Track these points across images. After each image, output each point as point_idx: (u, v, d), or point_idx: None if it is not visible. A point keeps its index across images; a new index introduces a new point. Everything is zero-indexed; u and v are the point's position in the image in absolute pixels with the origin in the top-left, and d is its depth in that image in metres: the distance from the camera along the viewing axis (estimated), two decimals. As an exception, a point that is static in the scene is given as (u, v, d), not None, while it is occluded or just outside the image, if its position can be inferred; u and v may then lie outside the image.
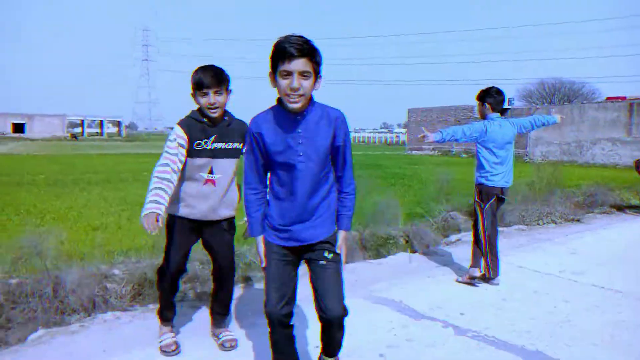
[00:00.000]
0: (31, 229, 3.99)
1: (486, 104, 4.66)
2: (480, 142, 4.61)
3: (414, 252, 5.85)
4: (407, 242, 6.08)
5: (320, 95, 2.35)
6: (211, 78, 2.83)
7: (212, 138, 2.89)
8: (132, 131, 74.81)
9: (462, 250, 5.89)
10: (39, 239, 3.72)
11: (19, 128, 60.65)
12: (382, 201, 6.28)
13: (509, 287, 4.61)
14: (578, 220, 8.24)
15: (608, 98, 27.07)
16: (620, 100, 25.53)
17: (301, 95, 2.15)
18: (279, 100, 2.25)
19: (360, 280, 4.74)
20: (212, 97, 2.83)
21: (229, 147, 2.94)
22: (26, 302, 3.42)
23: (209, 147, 2.88)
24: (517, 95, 51.18)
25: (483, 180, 4.61)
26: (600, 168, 22.71)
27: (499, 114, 4.68)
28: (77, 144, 45.62)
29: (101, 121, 72.43)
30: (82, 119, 69.17)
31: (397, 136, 74.49)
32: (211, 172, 2.91)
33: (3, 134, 58.16)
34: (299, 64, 2.10)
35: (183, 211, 2.97)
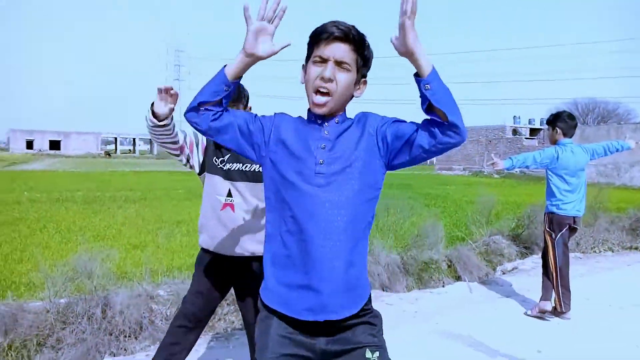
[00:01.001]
0: (84, 249, 3.99)
1: (557, 129, 4.54)
2: (551, 168, 4.48)
3: (458, 278, 5.70)
4: (449, 266, 5.94)
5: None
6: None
7: (227, 157, 2.59)
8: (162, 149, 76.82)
9: (520, 279, 5.73)
10: (88, 259, 3.73)
11: (55, 145, 62.55)
12: (424, 224, 6.15)
13: (582, 322, 4.37)
14: (637, 248, 7.91)
15: (646, 118, 26.32)
16: (659, 120, 24.79)
17: (330, 97, 1.62)
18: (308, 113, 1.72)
19: (422, 311, 4.60)
20: None
21: (246, 168, 2.58)
22: (76, 323, 3.42)
23: (224, 167, 2.58)
24: (549, 116, 50.46)
25: (554, 209, 4.47)
26: (639, 191, 22.01)
27: (571, 140, 4.54)
28: (110, 161, 46.71)
29: (134, 139, 74.11)
30: (115, 136, 70.95)
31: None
32: (230, 195, 2.59)
33: (40, 150, 60.03)
34: (339, 50, 1.60)
35: (205, 241, 2.63)
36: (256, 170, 2.57)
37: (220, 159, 2.57)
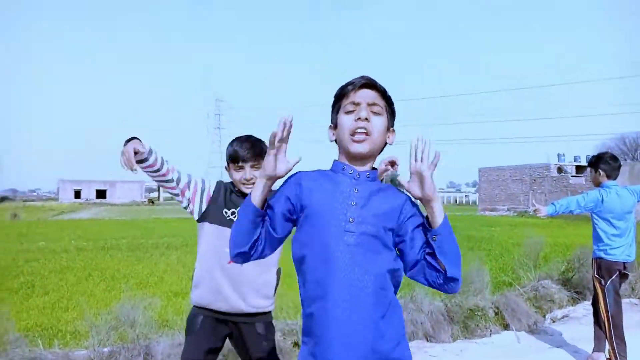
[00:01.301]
0: (127, 297, 4.04)
1: (600, 171, 4.38)
2: (596, 212, 4.31)
3: (506, 326, 5.44)
4: (496, 314, 5.68)
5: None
6: (248, 150, 2.46)
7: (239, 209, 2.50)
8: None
9: (571, 328, 5.44)
10: (131, 307, 3.76)
11: (101, 194, 64.94)
12: (469, 269, 5.95)
13: None
14: None
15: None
16: None
17: (368, 136, 1.60)
18: (334, 164, 1.70)
19: None
20: (248, 172, 2.46)
21: None
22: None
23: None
24: (595, 152, 48.96)
25: (602, 254, 4.27)
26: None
27: (615, 182, 4.37)
28: (154, 208, 47.96)
29: (176, 186, 76.17)
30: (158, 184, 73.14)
31: (466, 196, 72.66)
32: None
33: (87, 200, 62.36)
34: (369, 95, 1.63)
35: (203, 297, 2.44)
36: None
37: (231, 210, 2.49)
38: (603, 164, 4.36)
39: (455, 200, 69.30)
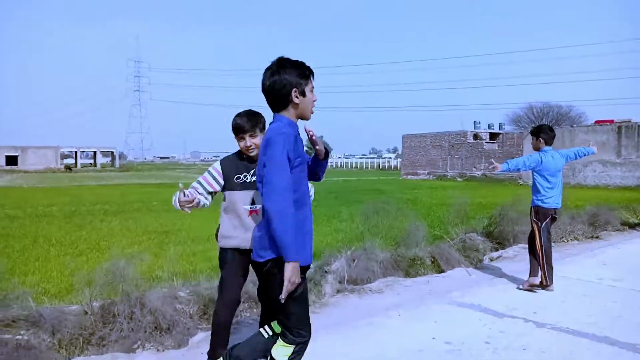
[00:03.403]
0: (82, 260, 4.32)
1: (541, 138, 5.44)
2: (536, 170, 5.39)
3: (441, 271, 6.26)
4: (433, 262, 6.49)
5: (311, 122, 2.60)
6: (245, 124, 3.12)
7: (252, 172, 3.15)
8: (122, 161, 75.29)
9: (507, 264, 6.75)
10: (121, 265, 4.08)
11: (12, 160, 60.59)
12: (409, 225, 6.70)
13: (562, 292, 5.29)
14: (597, 237, 9.05)
15: (597, 121, 27.95)
16: (608, 123, 26.42)
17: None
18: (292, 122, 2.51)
19: (435, 290, 5.46)
20: (248, 141, 3.12)
21: (254, 179, 3.12)
22: (114, 322, 3.76)
23: (248, 180, 3.14)
24: (507, 120, 52.36)
25: (540, 203, 5.39)
26: (592, 189, 23.38)
27: (551, 147, 5.44)
28: (72, 175, 45.70)
29: (95, 152, 72.51)
30: (75, 150, 69.28)
31: (387, 161, 75.27)
32: (253, 203, 3.12)
33: (-4, 166, 58.03)
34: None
35: (232, 242, 3.14)
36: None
37: (236, 176, 3.16)
38: (543, 133, 5.46)
39: (379, 166, 71.63)
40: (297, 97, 2.44)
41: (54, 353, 3.45)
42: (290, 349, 2.45)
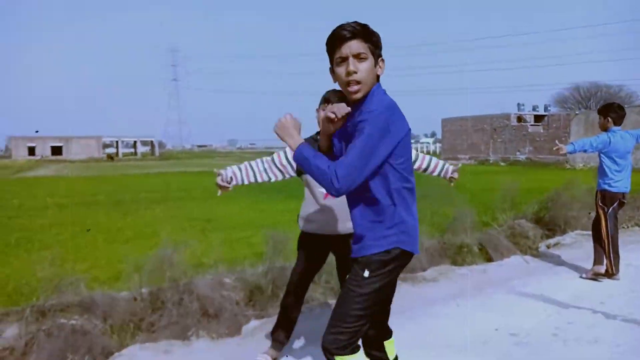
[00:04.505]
0: (130, 247, 4.33)
1: (609, 118, 5.06)
2: (604, 152, 5.05)
3: (489, 259, 6.04)
4: (481, 250, 6.27)
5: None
6: (338, 99, 2.96)
7: None
8: (161, 150, 76.79)
9: (566, 252, 6.53)
10: (168, 252, 4.08)
11: (57, 151, 62.81)
12: (456, 210, 6.50)
13: (630, 282, 5.06)
14: None
15: (648, 101, 26.64)
16: (661, 102, 25.12)
17: (359, 83, 1.99)
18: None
19: (493, 279, 5.33)
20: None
21: None
22: (163, 309, 3.76)
23: None
24: (552, 101, 50.51)
25: (606, 187, 5.08)
26: (644, 172, 22.34)
27: (620, 127, 5.07)
28: (114, 164, 46.99)
29: (135, 141, 74.34)
30: (116, 139, 71.18)
31: (426, 146, 74.13)
32: None
33: (42, 157, 60.28)
34: (353, 46, 1.97)
35: (312, 227, 3.15)
36: None
37: None
38: (612, 113, 5.07)
39: (417, 151, 70.57)
40: (332, 75, 2.12)
41: (107, 339, 3.47)
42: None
